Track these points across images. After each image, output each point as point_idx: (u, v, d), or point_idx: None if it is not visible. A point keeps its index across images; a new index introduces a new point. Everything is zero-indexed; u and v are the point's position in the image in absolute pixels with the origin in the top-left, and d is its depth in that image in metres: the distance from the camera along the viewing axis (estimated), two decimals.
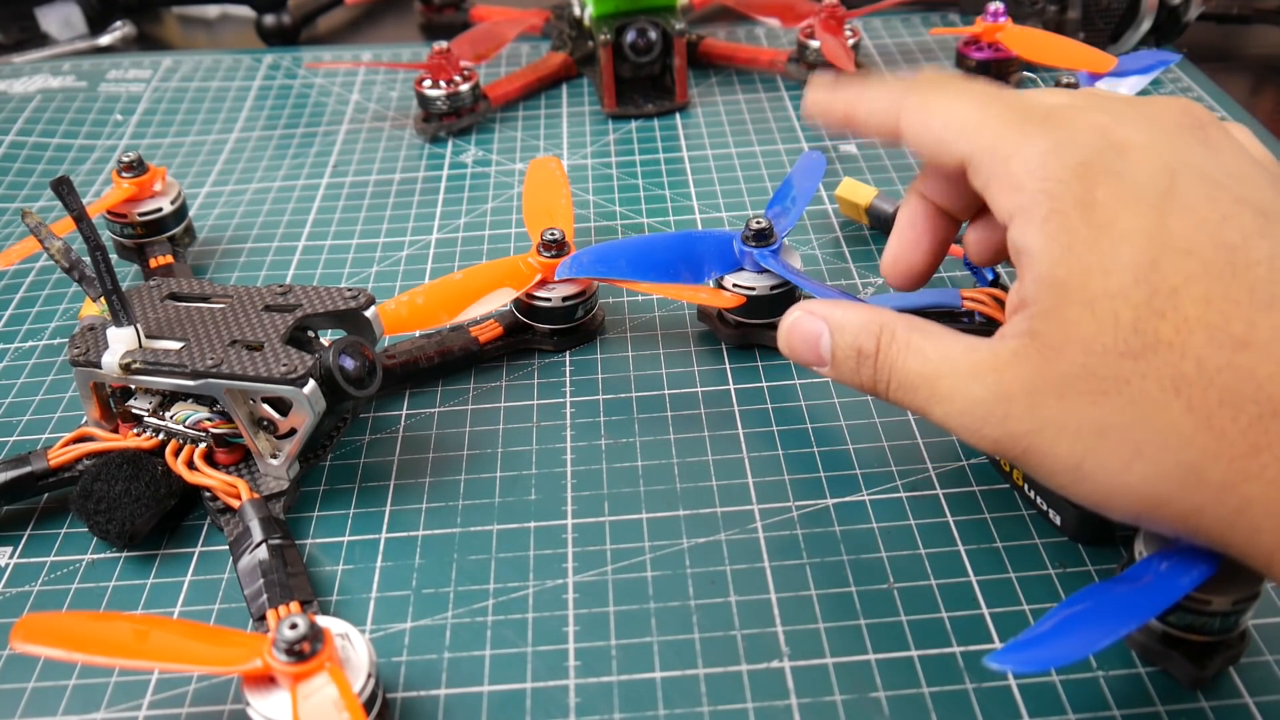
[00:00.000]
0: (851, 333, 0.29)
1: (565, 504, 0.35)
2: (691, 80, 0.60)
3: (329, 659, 0.26)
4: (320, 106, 0.61)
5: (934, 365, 0.28)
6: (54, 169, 0.57)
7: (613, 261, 0.39)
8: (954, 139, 0.28)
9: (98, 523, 0.33)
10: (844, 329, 0.30)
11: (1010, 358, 0.26)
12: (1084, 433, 0.25)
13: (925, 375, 0.28)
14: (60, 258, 0.34)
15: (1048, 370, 0.25)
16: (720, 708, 0.29)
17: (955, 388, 0.27)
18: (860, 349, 0.29)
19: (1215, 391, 0.23)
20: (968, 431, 0.27)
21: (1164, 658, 0.28)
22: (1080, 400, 0.25)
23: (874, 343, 0.29)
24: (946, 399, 0.27)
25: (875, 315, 0.29)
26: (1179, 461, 0.24)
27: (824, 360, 0.30)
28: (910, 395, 0.28)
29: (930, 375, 0.27)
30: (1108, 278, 0.25)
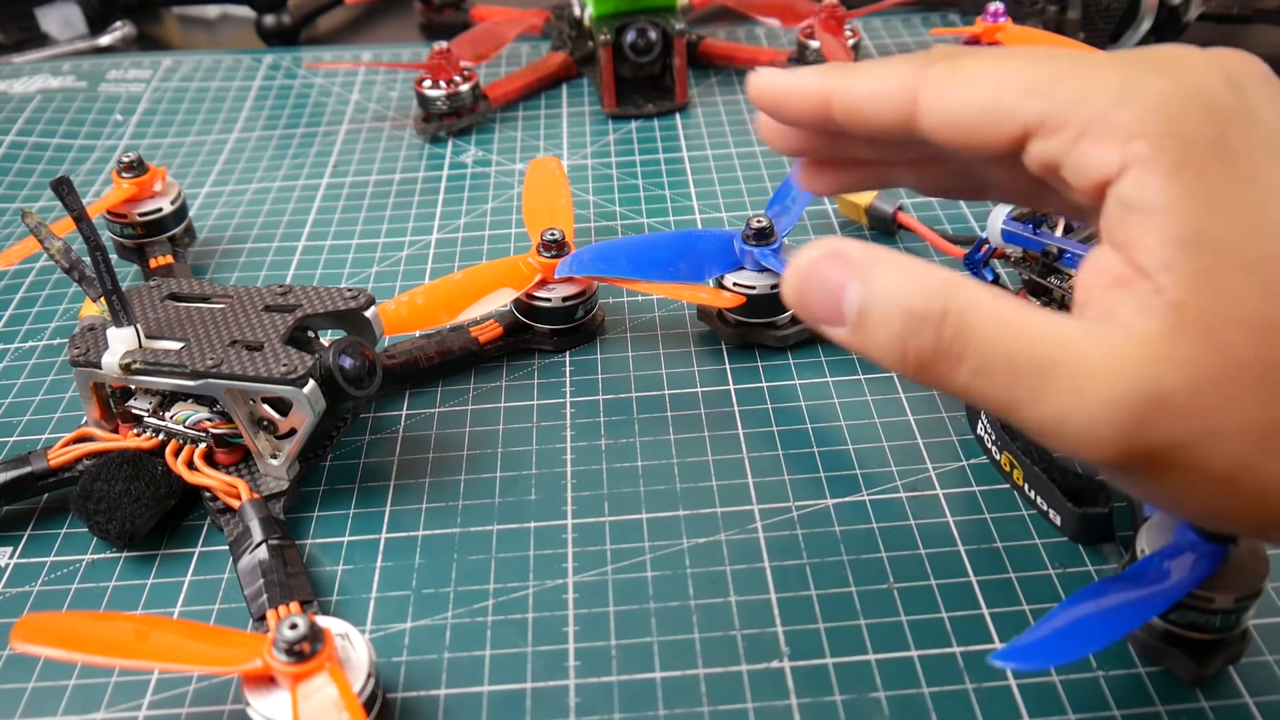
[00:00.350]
0: (900, 286, 0.22)
1: (565, 504, 0.35)
2: (691, 80, 0.60)
3: (329, 659, 0.26)
4: (320, 106, 0.61)
5: (1046, 342, 0.21)
6: (54, 169, 0.57)
7: (613, 259, 0.39)
8: (1014, 102, 0.23)
9: (98, 523, 0.33)
10: (887, 280, 0.22)
11: (1161, 343, 0.20)
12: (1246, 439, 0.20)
13: (1029, 356, 0.21)
14: (60, 258, 0.34)
15: (1211, 358, 0.20)
16: (720, 708, 0.29)
17: (1082, 381, 0.20)
18: (913, 310, 0.22)
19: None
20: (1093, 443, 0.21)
21: (1165, 656, 0.28)
22: (1249, 398, 0.20)
23: (938, 302, 0.21)
24: (1068, 394, 0.21)
25: (935, 268, 0.22)
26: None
27: (843, 319, 0.23)
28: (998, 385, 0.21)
29: (1039, 358, 0.21)
30: (1269, 237, 0.20)
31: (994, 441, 0.35)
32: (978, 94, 0.23)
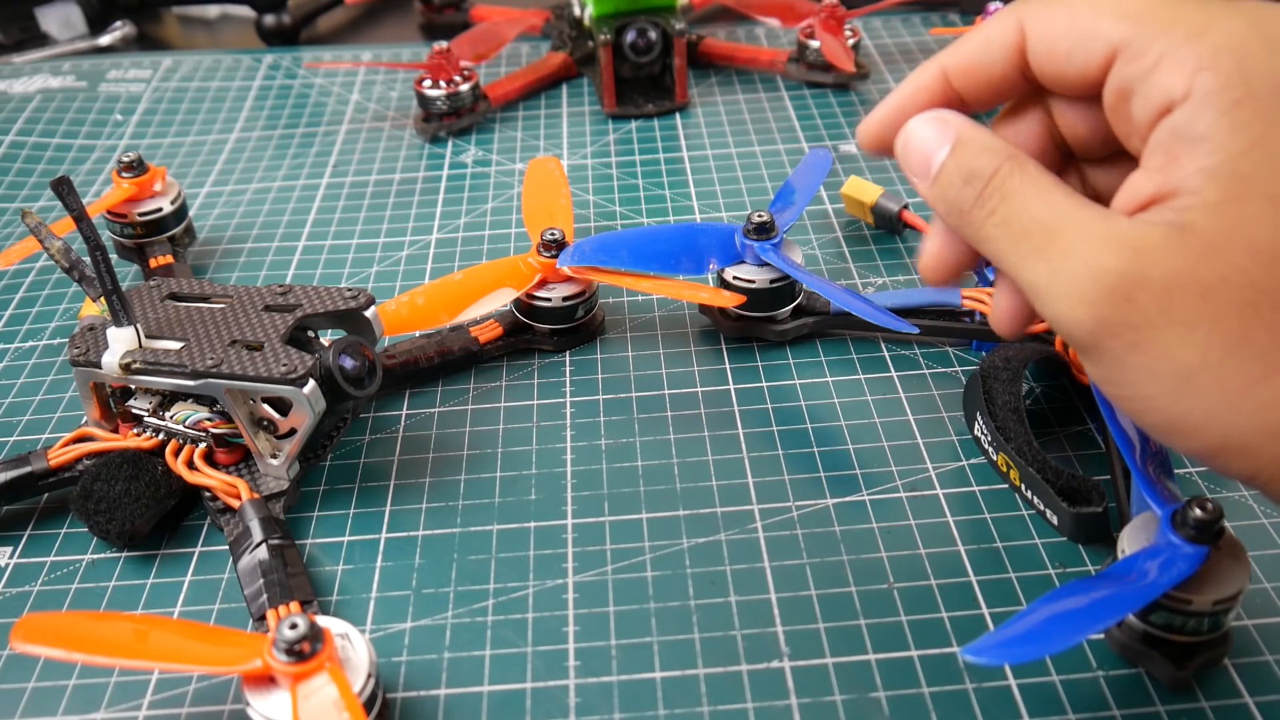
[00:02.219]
0: (975, 150, 0.25)
1: (565, 504, 0.35)
2: (691, 80, 0.60)
3: (329, 659, 0.26)
4: (320, 106, 0.61)
5: (1061, 214, 0.24)
6: (54, 169, 0.57)
7: (614, 251, 0.39)
8: (1109, 25, 0.24)
9: (98, 523, 0.33)
10: (969, 144, 0.25)
11: (1157, 242, 0.22)
12: (1214, 341, 0.22)
13: (1043, 221, 0.24)
14: (60, 258, 0.34)
15: (1199, 268, 0.22)
16: (720, 708, 0.29)
17: (1075, 248, 0.23)
18: (975, 169, 0.25)
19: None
20: (1071, 301, 0.23)
21: (1144, 657, 0.28)
22: (1224, 306, 0.22)
23: (993, 164, 0.25)
24: (1060, 256, 0.23)
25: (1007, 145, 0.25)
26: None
27: (929, 174, 0.26)
28: (1011, 238, 0.24)
29: (1051, 225, 0.24)
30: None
31: (990, 442, 0.35)
32: (1076, 18, 0.25)
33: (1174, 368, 0.22)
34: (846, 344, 0.41)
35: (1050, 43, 0.26)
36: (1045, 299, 0.24)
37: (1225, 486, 0.34)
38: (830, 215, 0.49)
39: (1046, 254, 0.23)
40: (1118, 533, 0.30)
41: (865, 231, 0.47)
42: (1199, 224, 0.22)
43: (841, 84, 0.59)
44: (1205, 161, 0.22)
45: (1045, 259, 0.24)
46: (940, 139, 0.26)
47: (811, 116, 0.57)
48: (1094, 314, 0.23)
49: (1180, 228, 0.22)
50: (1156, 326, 0.22)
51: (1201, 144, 0.22)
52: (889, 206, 0.46)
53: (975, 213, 0.25)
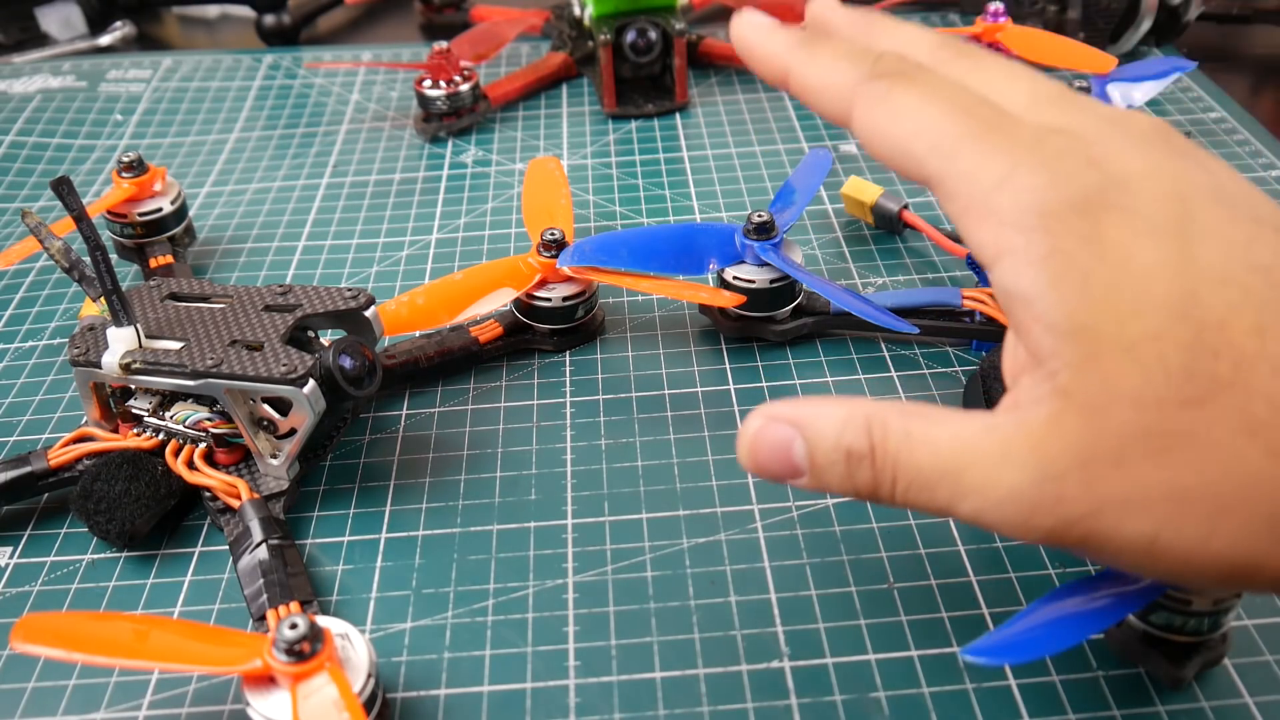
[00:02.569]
0: (833, 432, 0.24)
1: (565, 504, 0.35)
2: (691, 80, 0.60)
3: (329, 659, 0.26)
4: (320, 106, 0.61)
5: (951, 455, 0.23)
6: (54, 169, 0.57)
7: (614, 250, 0.39)
8: (923, 154, 0.24)
9: (98, 523, 0.33)
10: (821, 430, 0.24)
11: (1047, 428, 0.22)
12: (1153, 503, 0.21)
13: (943, 470, 0.23)
14: (60, 258, 0.34)
15: (1097, 436, 0.21)
16: (720, 708, 0.29)
17: (987, 477, 0.22)
18: (849, 450, 0.24)
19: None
20: (1011, 525, 0.22)
21: (1143, 657, 0.28)
22: (1143, 466, 0.21)
23: (865, 440, 0.24)
24: (977, 491, 0.23)
25: (855, 406, 0.24)
26: (1270, 515, 0.21)
27: (800, 470, 0.25)
28: (927, 494, 0.23)
29: (950, 469, 0.23)
30: (1142, 319, 0.21)
31: None
32: (897, 131, 0.25)
33: (1133, 542, 0.22)
34: (846, 344, 0.41)
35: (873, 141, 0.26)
36: (994, 530, 0.23)
37: None
38: (830, 215, 0.49)
39: (965, 496, 0.23)
40: None
41: (865, 231, 0.47)
42: (1074, 389, 0.22)
43: None
44: (1046, 320, 0.22)
45: (966, 500, 0.23)
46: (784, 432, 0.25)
47: (811, 116, 0.57)
48: (1038, 529, 0.22)
49: (1062, 396, 0.22)
50: (1095, 514, 0.22)
51: (1033, 303, 0.22)
52: (889, 206, 0.46)
53: (881, 490, 0.24)
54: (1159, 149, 0.24)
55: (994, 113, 0.24)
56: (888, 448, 0.24)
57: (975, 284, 0.42)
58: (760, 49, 0.28)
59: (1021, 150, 0.23)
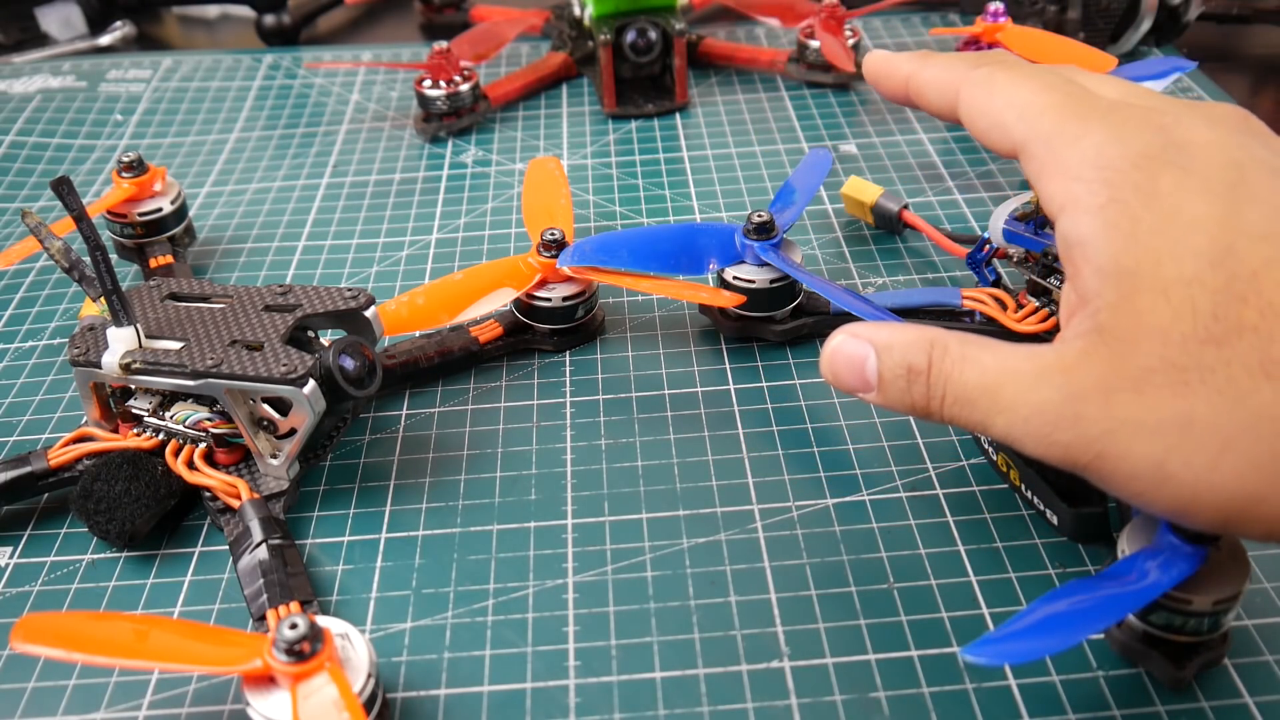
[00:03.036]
0: (900, 351, 0.27)
1: (565, 504, 0.35)
2: (691, 80, 0.60)
3: (329, 659, 0.26)
4: (320, 106, 0.61)
5: (994, 375, 0.26)
6: (54, 169, 0.57)
7: (614, 250, 0.39)
8: (1012, 122, 0.28)
9: (98, 523, 0.33)
10: (891, 348, 0.28)
11: (1079, 357, 0.24)
12: (1166, 428, 0.23)
13: (985, 386, 0.26)
14: (60, 258, 0.34)
15: (1122, 365, 0.24)
16: (720, 708, 0.29)
17: (1019, 395, 0.25)
18: (910, 366, 0.27)
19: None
20: (1035, 439, 0.25)
21: (1144, 657, 0.28)
22: (1160, 394, 0.23)
23: (925, 358, 0.27)
24: (1010, 408, 0.25)
25: (924, 332, 0.27)
26: (1275, 451, 0.22)
27: (870, 385, 0.28)
28: (968, 410, 0.26)
29: (990, 386, 0.26)
30: (1180, 264, 0.23)
31: (990, 442, 0.35)
32: (992, 105, 0.29)
33: (1143, 464, 0.23)
34: None
35: (972, 118, 0.29)
36: (1018, 445, 0.26)
37: None
38: (830, 215, 0.49)
39: (1000, 411, 0.25)
40: (1118, 533, 0.30)
41: (865, 231, 0.47)
42: (1109, 324, 0.24)
43: (841, 84, 0.59)
44: (1095, 262, 0.25)
45: (1000, 414, 0.25)
46: (862, 348, 0.28)
47: (811, 116, 0.57)
48: (1057, 444, 0.25)
49: (1097, 332, 0.24)
50: (1111, 433, 0.24)
51: (1086, 246, 0.25)
52: (889, 206, 0.46)
53: (932, 404, 0.27)
54: (1228, 127, 0.26)
55: (1080, 90, 0.28)
56: (943, 366, 0.27)
57: (975, 284, 0.42)
58: (888, 65, 0.33)
59: (1096, 117, 0.26)
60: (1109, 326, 0.24)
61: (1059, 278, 0.37)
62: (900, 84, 0.32)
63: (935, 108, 0.31)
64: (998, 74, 0.29)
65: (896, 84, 0.33)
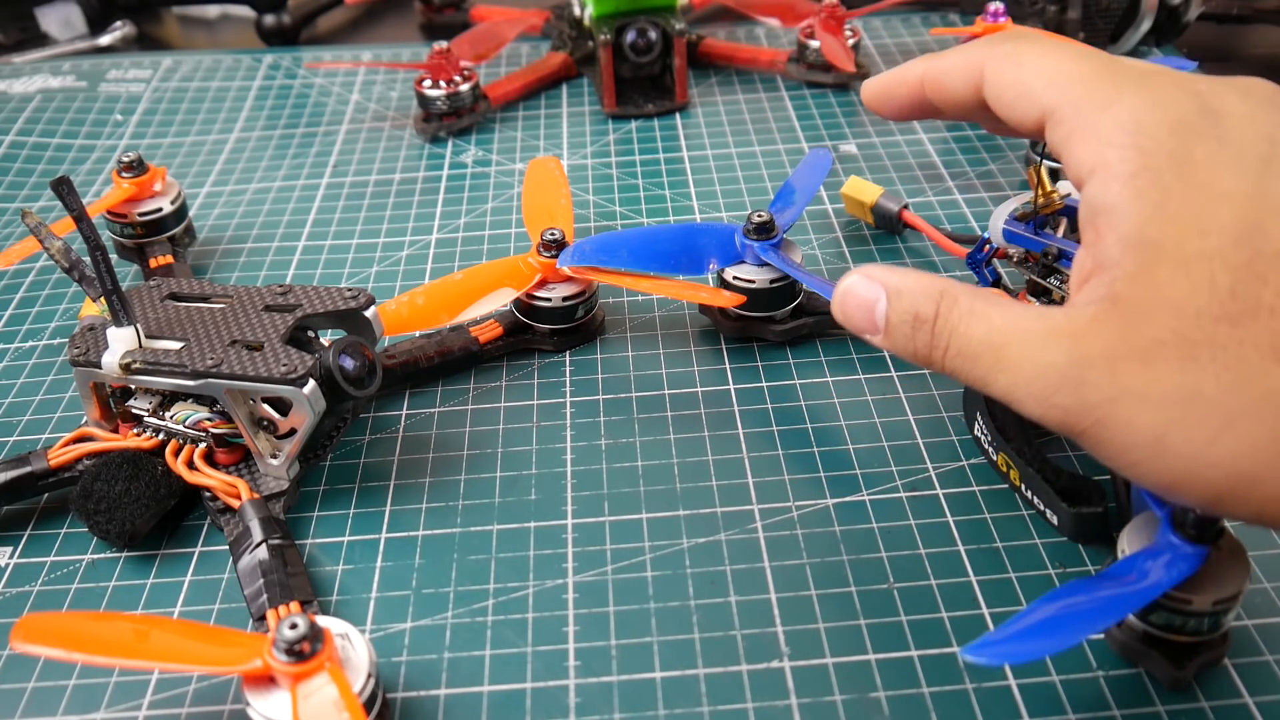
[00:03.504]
0: (909, 298, 0.27)
1: (565, 504, 0.35)
2: (691, 80, 0.60)
3: (329, 659, 0.26)
4: (320, 106, 0.61)
5: (1000, 332, 0.25)
6: (54, 169, 0.57)
7: (614, 250, 0.39)
8: (1041, 89, 0.27)
9: (98, 523, 0.33)
10: (902, 294, 0.27)
11: (1089, 323, 0.24)
12: (1169, 401, 0.23)
13: (989, 343, 0.25)
14: (60, 258, 0.34)
15: (1133, 334, 0.23)
16: (720, 708, 0.29)
17: (1024, 354, 0.25)
18: (917, 314, 0.27)
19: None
20: (1035, 400, 0.25)
21: (1144, 657, 0.28)
22: (1168, 366, 0.23)
23: (933, 307, 0.27)
24: (1013, 367, 0.25)
25: (935, 281, 0.27)
26: (1275, 434, 0.22)
27: (878, 327, 0.28)
28: (970, 364, 0.26)
29: (995, 343, 0.25)
30: (1204, 239, 0.23)
31: (990, 442, 0.35)
32: (1019, 75, 0.28)
33: (1142, 435, 0.23)
34: (846, 344, 0.41)
35: (999, 90, 0.29)
36: (1018, 405, 0.25)
37: None
38: (830, 215, 0.49)
39: (1003, 369, 0.25)
40: (1118, 533, 0.30)
41: (865, 231, 0.47)
42: (1124, 294, 0.24)
43: (841, 84, 0.59)
44: (1119, 231, 0.24)
45: (1002, 372, 0.25)
46: (874, 291, 0.28)
47: (811, 116, 0.57)
48: (1057, 406, 0.24)
49: (1111, 300, 0.24)
50: (1113, 401, 0.23)
51: (1113, 214, 0.24)
52: (889, 206, 0.46)
53: (934, 354, 0.27)
54: (1260, 100, 0.26)
55: (1110, 58, 0.27)
56: (950, 318, 0.26)
57: (975, 284, 0.42)
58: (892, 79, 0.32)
59: (1129, 83, 0.26)
60: (1124, 296, 0.24)
61: (1059, 278, 0.37)
62: (912, 89, 0.32)
63: (956, 94, 0.30)
64: (1023, 46, 0.28)
65: (908, 91, 0.32)
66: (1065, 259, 0.36)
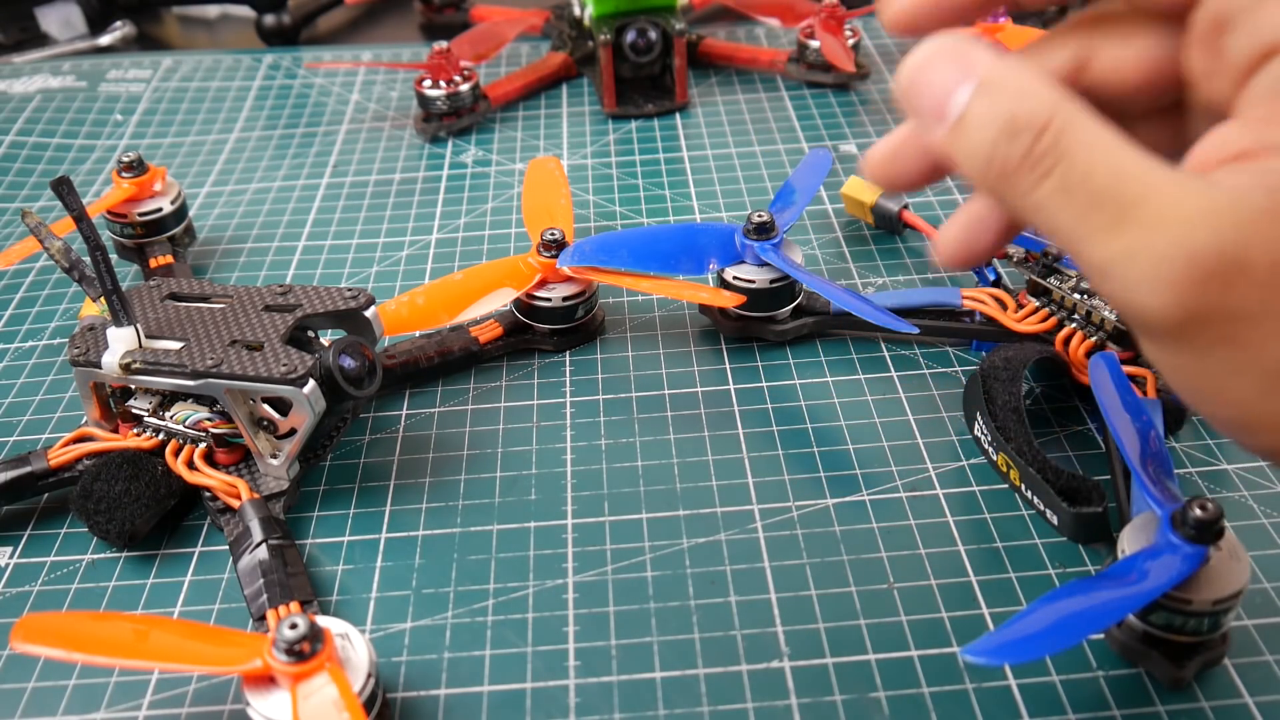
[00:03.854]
0: (1010, 97, 0.20)
1: (565, 504, 0.35)
2: (691, 80, 0.60)
3: (329, 659, 0.26)
4: (320, 106, 0.61)
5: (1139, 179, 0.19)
6: (54, 169, 0.57)
7: (614, 250, 0.40)
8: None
9: (98, 523, 0.33)
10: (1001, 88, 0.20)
11: (1260, 214, 0.19)
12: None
13: (1116, 187, 0.19)
14: (60, 258, 0.34)
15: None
16: (720, 708, 0.29)
17: (1163, 222, 0.19)
18: (1019, 117, 0.20)
19: None
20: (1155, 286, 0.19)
21: (1143, 657, 0.28)
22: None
23: (1044, 113, 0.20)
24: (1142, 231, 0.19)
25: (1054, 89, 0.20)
26: None
27: (946, 117, 0.21)
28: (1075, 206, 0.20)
29: (1127, 191, 0.19)
30: None
31: (990, 442, 0.35)
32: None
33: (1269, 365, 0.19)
34: (846, 344, 0.41)
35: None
36: (1119, 282, 0.20)
37: (1225, 487, 0.34)
38: (830, 215, 0.49)
39: (1123, 228, 0.19)
40: (1118, 533, 0.30)
41: (865, 231, 0.47)
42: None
43: (841, 84, 0.59)
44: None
45: (1121, 234, 0.19)
46: (960, 75, 0.21)
47: (811, 116, 0.57)
48: (1183, 302, 0.19)
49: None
50: (1256, 318, 0.19)
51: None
52: (889, 206, 0.46)
53: (1023, 175, 0.20)
54: None
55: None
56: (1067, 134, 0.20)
57: (975, 284, 0.42)
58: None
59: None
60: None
61: (1059, 277, 0.37)
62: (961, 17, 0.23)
63: None
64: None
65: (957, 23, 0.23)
66: (1066, 258, 0.36)
